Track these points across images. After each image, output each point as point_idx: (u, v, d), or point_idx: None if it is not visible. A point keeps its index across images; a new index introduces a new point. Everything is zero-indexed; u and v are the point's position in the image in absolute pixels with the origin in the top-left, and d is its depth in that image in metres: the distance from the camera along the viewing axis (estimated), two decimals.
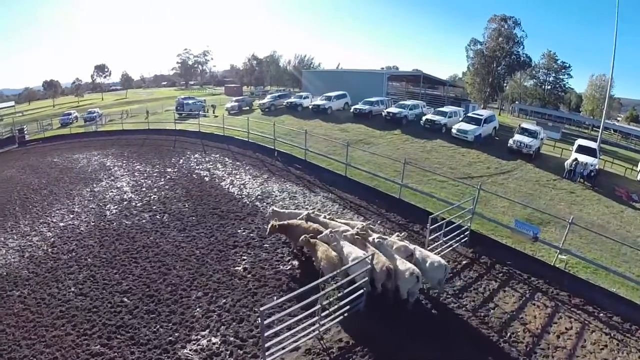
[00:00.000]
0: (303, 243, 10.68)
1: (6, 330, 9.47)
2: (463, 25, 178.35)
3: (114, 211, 16.32)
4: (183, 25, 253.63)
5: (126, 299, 10.32)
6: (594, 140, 29.78)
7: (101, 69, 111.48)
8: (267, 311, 7.70)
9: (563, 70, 73.51)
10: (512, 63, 62.32)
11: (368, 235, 10.69)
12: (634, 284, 11.07)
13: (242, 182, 19.24)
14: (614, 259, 12.90)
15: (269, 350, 7.69)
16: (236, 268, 11.62)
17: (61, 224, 15.37)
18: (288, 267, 11.59)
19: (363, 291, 9.16)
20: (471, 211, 13.15)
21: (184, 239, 13.52)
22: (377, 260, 9.39)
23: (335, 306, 8.95)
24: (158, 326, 9.27)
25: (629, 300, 10.41)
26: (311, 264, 10.90)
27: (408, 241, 10.92)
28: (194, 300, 10.21)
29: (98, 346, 8.72)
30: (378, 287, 9.51)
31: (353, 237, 10.46)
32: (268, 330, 7.64)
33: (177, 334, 9.00)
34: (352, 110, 34.76)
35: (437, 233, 12.08)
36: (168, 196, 17.70)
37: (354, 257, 9.55)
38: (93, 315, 9.76)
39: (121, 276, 11.41)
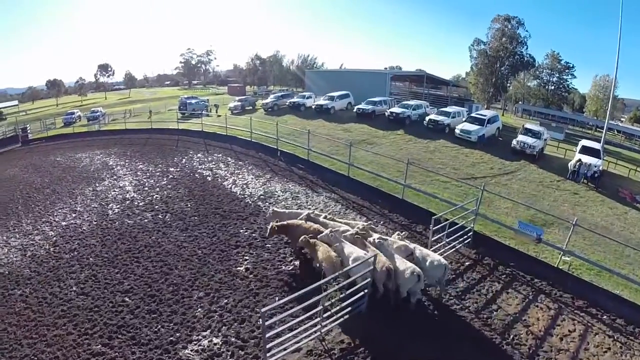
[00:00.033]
0: (303, 244, 10.57)
1: (7, 329, 9.47)
2: (465, 24, 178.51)
3: (116, 210, 16.33)
4: (186, 25, 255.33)
5: (128, 299, 10.30)
6: (598, 141, 29.64)
7: (104, 69, 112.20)
8: (269, 312, 7.66)
9: (567, 70, 73.26)
10: (516, 63, 62.32)
11: (368, 235, 10.63)
12: (638, 286, 10.97)
13: (245, 182, 19.22)
14: (618, 261, 12.83)
15: (270, 351, 7.65)
16: (238, 268, 11.58)
17: (63, 223, 15.39)
18: (290, 268, 11.54)
19: (365, 292, 9.10)
20: (474, 212, 13.07)
21: (186, 239, 13.50)
22: (378, 260, 9.33)
23: (337, 307, 8.90)
24: (159, 326, 9.25)
25: (633, 302, 10.30)
26: (317, 266, 10.82)
27: (408, 240, 10.87)
28: (196, 300, 10.17)
29: (99, 346, 8.70)
30: (379, 288, 9.46)
31: (353, 237, 10.40)
32: (269, 331, 7.61)
33: (179, 334, 8.97)
34: (355, 110, 34.66)
35: (440, 234, 12.01)
36: (170, 196, 17.70)
37: (355, 258, 9.49)
38: (94, 314, 9.75)
39: (123, 276, 11.39)
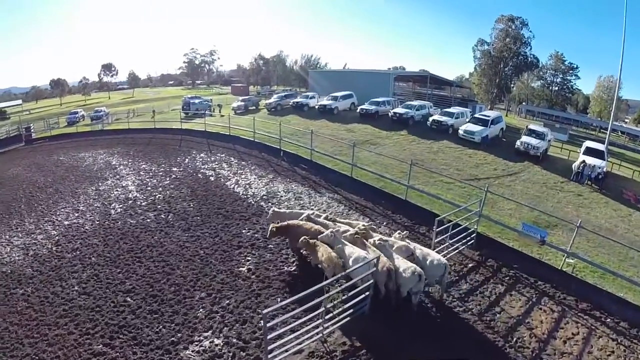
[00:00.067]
0: (302, 244, 10.49)
1: (9, 328, 9.47)
2: (469, 24, 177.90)
3: (119, 210, 16.33)
4: (190, 25, 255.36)
5: (129, 299, 10.28)
6: (602, 142, 29.51)
7: (108, 68, 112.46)
8: (271, 313, 7.62)
9: (570, 71, 73.17)
10: (520, 64, 62.11)
11: (369, 235, 10.60)
12: None
13: (248, 182, 19.19)
14: (622, 263, 12.73)
15: (272, 352, 7.61)
16: (240, 269, 11.54)
17: (66, 223, 15.40)
18: (293, 269, 11.50)
19: (368, 294, 9.05)
20: (478, 213, 13.01)
21: (189, 239, 13.47)
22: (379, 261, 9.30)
23: (339, 309, 8.86)
24: (161, 326, 9.23)
25: (637, 305, 10.25)
26: (316, 266, 10.78)
27: (409, 240, 10.81)
28: (197, 300, 10.14)
29: (100, 346, 8.69)
30: (381, 289, 9.40)
31: (353, 237, 10.36)
32: (271, 332, 7.57)
33: (180, 335, 8.94)
34: (359, 110, 34.61)
35: (444, 235, 11.93)
36: (173, 195, 17.69)
37: (355, 258, 9.47)
38: (96, 314, 9.74)
39: (125, 275, 11.38)
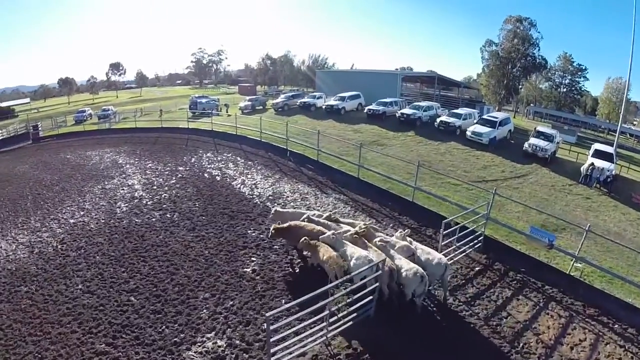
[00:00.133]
0: (303, 245, 10.40)
1: (12, 325, 9.50)
2: (477, 25, 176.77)
3: (124, 209, 16.35)
4: (198, 24, 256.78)
5: (133, 298, 10.25)
6: (611, 144, 29.16)
7: (116, 67, 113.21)
8: (274, 315, 7.53)
9: (579, 72, 72.56)
10: (528, 65, 61.66)
11: (369, 234, 10.50)
12: None
13: (254, 182, 19.14)
14: (630, 268, 12.48)
15: (275, 355, 7.52)
16: (245, 269, 11.47)
17: (71, 221, 15.44)
18: (297, 270, 11.42)
19: (373, 297, 8.95)
20: (485, 216, 12.83)
21: (193, 239, 13.43)
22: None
23: (344, 312, 8.76)
24: (164, 327, 9.18)
25: None
26: (317, 265, 10.70)
27: (410, 239, 10.69)
28: (201, 301, 10.08)
29: (103, 345, 8.66)
30: (384, 290, 9.28)
31: (353, 237, 10.28)
32: (274, 335, 7.49)
33: (183, 335, 8.89)
34: (366, 111, 34.45)
35: (450, 238, 11.78)
36: (179, 195, 17.68)
37: (357, 258, 9.40)
38: (99, 313, 9.72)
39: (129, 275, 11.36)
